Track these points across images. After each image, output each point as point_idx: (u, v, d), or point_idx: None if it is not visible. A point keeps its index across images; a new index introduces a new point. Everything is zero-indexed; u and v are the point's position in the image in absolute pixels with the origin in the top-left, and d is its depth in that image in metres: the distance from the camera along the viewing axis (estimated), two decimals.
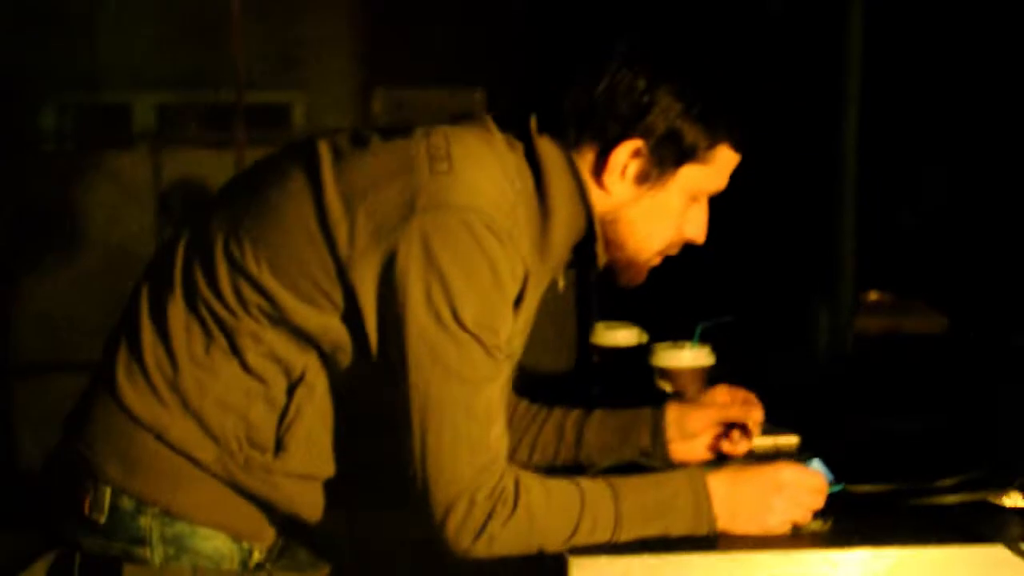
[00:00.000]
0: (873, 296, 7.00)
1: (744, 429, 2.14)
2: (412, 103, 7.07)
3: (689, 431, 2.13)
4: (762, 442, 2.22)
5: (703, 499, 1.83)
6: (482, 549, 1.75)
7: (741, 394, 2.19)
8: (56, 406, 2.14)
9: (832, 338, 4.91)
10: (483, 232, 1.74)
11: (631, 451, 2.11)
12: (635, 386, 2.39)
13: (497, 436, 1.77)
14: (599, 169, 1.87)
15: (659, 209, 1.90)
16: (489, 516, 1.73)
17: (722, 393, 2.19)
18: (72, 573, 1.86)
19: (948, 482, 1.95)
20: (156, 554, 1.83)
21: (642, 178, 1.88)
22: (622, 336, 2.52)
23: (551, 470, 2.01)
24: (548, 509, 1.76)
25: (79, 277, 5.46)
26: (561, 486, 1.80)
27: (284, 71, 6.77)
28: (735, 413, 2.14)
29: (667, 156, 1.87)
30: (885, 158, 6.17)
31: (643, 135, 1.85)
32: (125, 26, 6.47)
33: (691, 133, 1.86)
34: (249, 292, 1.80)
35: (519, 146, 1.88)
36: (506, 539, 1.75)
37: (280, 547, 1.94)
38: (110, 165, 6.07)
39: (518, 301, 1.83)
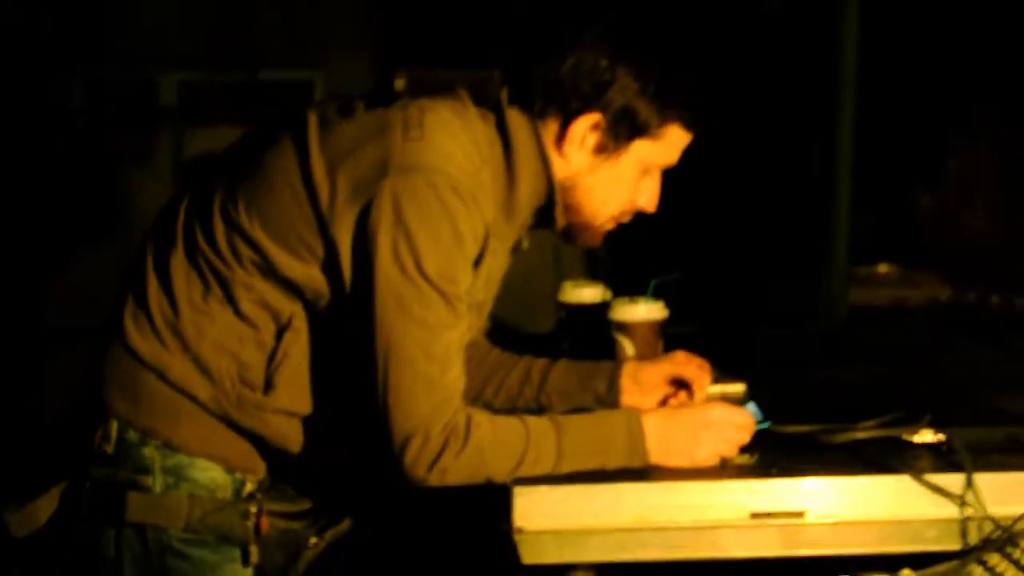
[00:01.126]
0: (883, 269, 7.14)
1: (690, 391, 2.30)
2: (432, 83, 7.25)
3: (643, 383, 2.30)
4: (712, 390, 2.39)
5: (637, 435, 2.03)
6: (435, 479, 1.95)
7: (697, 359, 2.34)
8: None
9: (826, 308, 5.09)
10: (448, 193, 1.95)
11: (588, 397, 2.30)
12: (599, 341, 2.57)
13: (453, 378, 1.97)
14: (560, 139, 2.08)
15: (613, 178, 2.11)
16: (442, 449, 1.93)
17: (680, 354, 2.35)
18: (82, 498, 2.07)
19: (867, 424, 2.12)
20: (157, 482, 2.04)
21: (599, 149, 2.08)
22: (587, 293, 2.71)
23: (513, 411, 2.21)
24: (496, 444, 1.97)
25: (105, 248, 5.65)
26: (508, 422, 2.00)
27: (304, 50, 6.95)
28: (686, 371, 2.30)
29: (622, 130, 2.07)
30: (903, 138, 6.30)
31: (601, 109, 2.06)
32: (151, 6, 6.65)
33: (644, 111, 2.06)
34: (242, 246, 2.02)
35: (491, 117, 2.08)
36: (457, 470, 1.95)
37: (270, 481, 2.13)
38: (135, 141, 6.24)
39: (479, 258, 2.03)
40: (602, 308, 2.62)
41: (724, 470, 2.04)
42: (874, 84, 5.13)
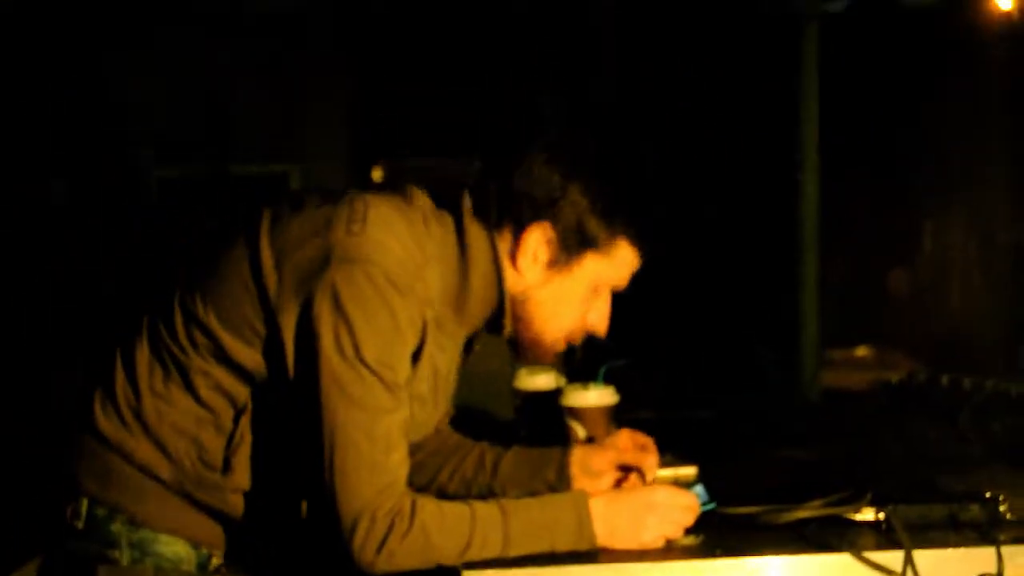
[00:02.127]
0: (860, 352, 7.20)
1: (641, 473, 2.35)
2: (409, 172, 7.33)
3: (592, 470, 2.35)
4: (663, 473, 2.44)
5: (585, 518, 2.07)
6: (383, 563, 2.00)
7: (641, 439, 2.40)
8: None
9: (796, 389, 5.12)
10: (384, 284, 2.02)
11: (539, 485, 2.34)
12: (554, 426, 2.62)
13: (397, 462, 2.03)
14: (514, 251, 2.16)
15: (564, 294, 2.18)
16: (388, 532, 1.99)
17: (624, 437, 2.41)
18: (56, 571, 2.17)
19: (811, 503, 2.17)
20: (125, 556, 2.14)
21: (551, 263, 2.16)
22: (541, 380, 2.75)
23: (467, 497, 2.24)
24: (442, 527, 2.01)
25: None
26: (454, 507, 2.05)
27: (280, 142, 7.04)
28: (631, 458, 2.36)
29: (572, 243, 2.15)
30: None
31: (553, 221, 2.14)
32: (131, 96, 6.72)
33: (594, 226, 2.15)
34: (198, 334, 2.11)
35: (449, 220, 2.16)
36: (404, 553, 2.00)
37: (237, 552, 2.20)
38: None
39: (419, 349, 2.09)
40: (556, 394, 2.66)
41: (670, 551, 2.08)
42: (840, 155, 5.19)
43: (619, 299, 2.24)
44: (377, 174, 7.40)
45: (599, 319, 2.23)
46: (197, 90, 6.90)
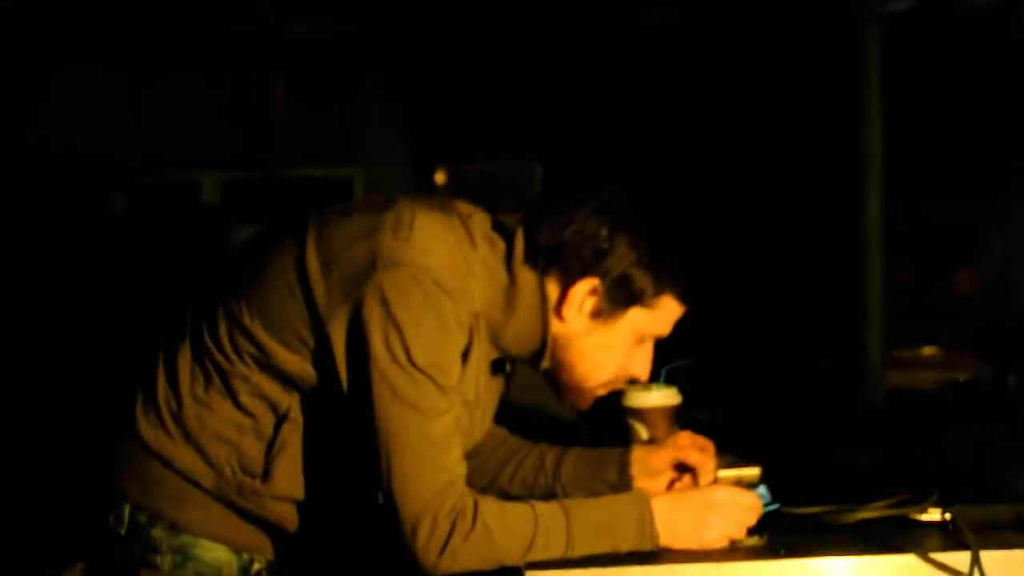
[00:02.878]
0: (927, 351, 7.16)
1: (694, 474, 2.34)
2: (472, 177, 7.35)
3: (651, 469, 2.34)
4: (726, 474, 2.42)
5: (647, 518, 2.07)
6: (447, 563, 2.00)
7: (701, 441, 2.39)
8: None
9: (862, 390, 5.10)
10: (431, 286, 2.03)
11: (601, 486, 2.33)
12: (615, 428, 2.61)
13: (454, 461, 2.03)
14: (560, 300, 2.15)
15: (607, 344, 2.18)
16: (451, 532, 1.99)
17: (684, 437, 2.40)
18: None
19: (875, 504, 2.15)
20: (165, 561, 2.16)
21: (596, 314, 2.16)
22: None
23: (529, 498, 2.24)
24: (504, 526, 2.02)
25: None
26: (516, 507, 2.05)
27: (344, 146, 7.07)
28: (689, 457, 2.34)
29: (618, 297, 2.15)
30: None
31: (600, 275, 2.14)
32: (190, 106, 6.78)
33: (641, 280, 2.14)
34: (243, 341, 2.12)
35: (501, 247, 2.16)
36: (468, 554, 2.00)
37: (278, 561, 2.22)
38: (178, 242, 6.36)
39: (467, 351, 2.09)
40: (618, 395, 2.65)
41: (733, 552, 2.08)
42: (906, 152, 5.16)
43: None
44: (440, 177, 7.42)
45: (641, 368, 2.23)
46: (258, 94, 6.95)
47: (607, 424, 2.67)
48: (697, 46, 6.83)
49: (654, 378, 2.55)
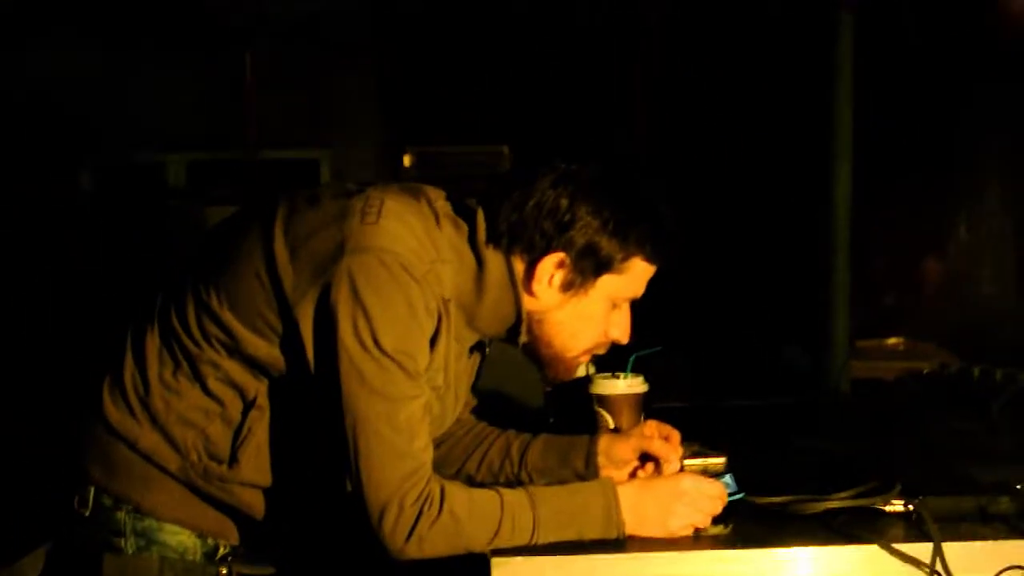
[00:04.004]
0: (891, 342, 7.18)
1: (658, 464, 2.34)
2: (440, 160, 7.33)
3: (616, 459, 2.34)
4: (692, 463, 2.43)
5: (613, 506, 2.07)
6: (413, 549, 2.00)
7: (666, 430, 2.38)
8: None
9: (825, 380, 5.10)
10: (399, 271, 2.02)
11: (567, 473, 2.34)
12: (582, 415, 2.61)
13: (421, 447, 2.03)
14: (528, 277, 2.15)
15: (582, 314, 2.18)
16: (417, 518, 1.99)
17: (650, 427, 2.40)
18: (63, 559, 2.20)
19: (840, 494, 2.16)
20: (129, 544, 2.15)
21: (566, 286, 2.15)
22: None
23: (494, 484, 2.24)
24: (471, 513, 2.02)
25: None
26: (483, 493, 2.05)
27: (310, 129, 7.05)
28: (653, 447, 2.34)
29: (587, 267, 2.14)
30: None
31: (565, 248, 2.13)
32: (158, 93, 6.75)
33: (607, 247, 2.13)
34: (211, 326, 2.11)
35: (464, 229, 2.15)
36: (434, 540, 2.00)
37: (243, 546, 2.21)
38: (144, 222, 6.33)
39: (435, 337, 2.09)
40: (585, 382, 2.66)
41: (697, 540, 2.08)
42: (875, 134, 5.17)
43: (650, 289, 2.24)
44: (408, 160, 7.41)
45: (621, 331, 2.22)
46: (230, 76, 6.91)
47: (573, 411, 2.67)
48: (666, 30, 6.83)
49: (621, 367, 2.56)
